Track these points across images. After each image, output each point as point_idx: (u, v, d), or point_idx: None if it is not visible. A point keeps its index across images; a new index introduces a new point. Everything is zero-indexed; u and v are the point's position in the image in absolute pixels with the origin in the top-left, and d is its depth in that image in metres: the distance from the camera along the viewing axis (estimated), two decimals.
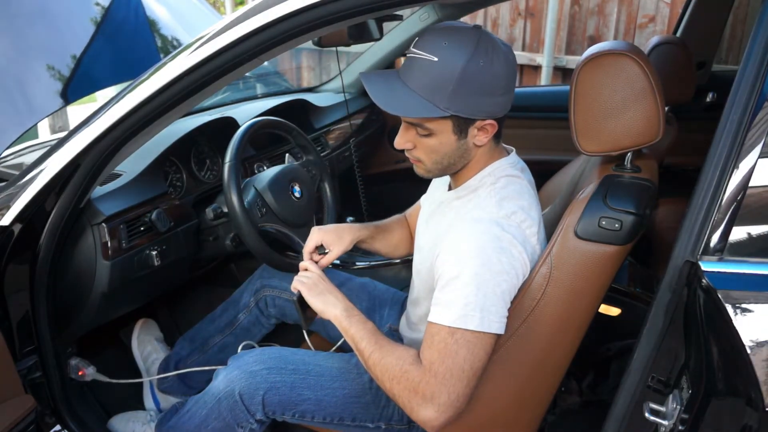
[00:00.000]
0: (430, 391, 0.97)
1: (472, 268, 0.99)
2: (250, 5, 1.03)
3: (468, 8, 2.40)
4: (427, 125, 1.03)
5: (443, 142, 1.05)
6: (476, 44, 0.99)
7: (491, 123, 1.04)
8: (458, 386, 0.97)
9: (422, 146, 1.07)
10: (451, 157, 1.08)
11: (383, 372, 1.03)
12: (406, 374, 1.00)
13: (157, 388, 1.64)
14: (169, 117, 1.13)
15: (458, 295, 0.99)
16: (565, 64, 3.58)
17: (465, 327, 0.98)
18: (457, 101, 0.99)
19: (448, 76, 0.98)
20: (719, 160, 0.85)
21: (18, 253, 1.17)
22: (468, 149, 1.07)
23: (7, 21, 1.46)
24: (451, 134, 1.04)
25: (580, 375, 1.61)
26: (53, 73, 1.47)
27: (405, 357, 1.02)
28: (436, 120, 1.02)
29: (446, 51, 0.99)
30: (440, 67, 0.98)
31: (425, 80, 1.00)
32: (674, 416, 0.84)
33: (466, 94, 0.99)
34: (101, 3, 1.64)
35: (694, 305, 0.85)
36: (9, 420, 1.07)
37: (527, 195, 1.10)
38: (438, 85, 0.99)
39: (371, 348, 1.05)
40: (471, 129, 1.05)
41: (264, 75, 2.88)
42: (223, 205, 1.53)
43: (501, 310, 1.01)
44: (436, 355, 0.98)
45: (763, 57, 0.83)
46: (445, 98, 0.99)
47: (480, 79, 0.99)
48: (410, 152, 1.10)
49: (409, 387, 0.99)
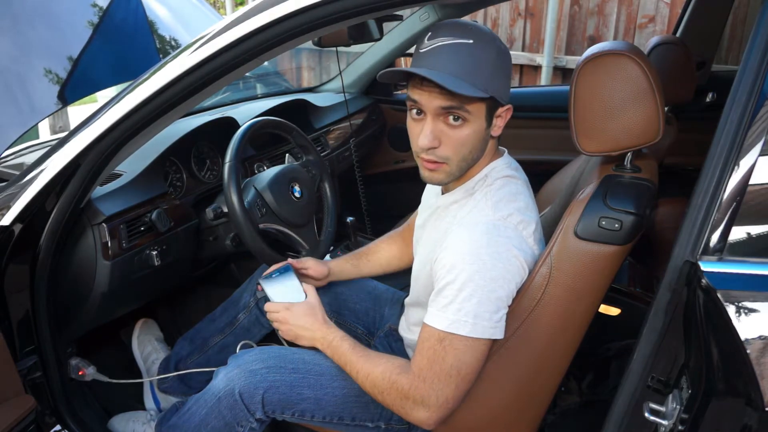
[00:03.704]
0: (420, 395, 1.01)
1: (468, 274, 0.99)
2: (250, 5, 1.03)
3: (468, 8, 2.40)
4: (468, 107, 1.00)
5: (476, 131, 1.03)
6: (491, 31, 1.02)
7: (509, 108, 1.07)
8: (446, 390, 1.01)
9: (451, 140, 1.03)
10: (477, 149, 1.06)
11: (372, 386, 1.08)
12: (395, 384, 1.04)
13: (157, 388, 1.64)
14: (169, 117, 1.13)
15: (452, 300, 1.00)
16: (565, 64, 3.58)
17: (456, 332, 1.00)
18: (495, 82, 1.01)
19: (486, 57, 0.99)
20: (719, 159, 0.85)
21: (18, 253, 1.17)
22: (487, 140, 1.08)
23: (8, 21, 1.46)
24: (483, 121, 1.04)
25: (580, 375, 1.61)
26: (54, 73, 1.47)
27: (390, 369, 1.07)
28: (476, 103, 1.00)
29: (477, 35, 0.99)
30: (478, 49, 0.99)
31: (464, 62, 0.98)
32: (674, 416, 0.84)
33: (501, 76, 1.02)
34: (100, 3, 1.64)
35: (694, 305, 0.85)
36: (9, 420, 1.07)
37: (523, 195, 1.10)
38: (477, 66, 0.99)
39: (356, 368, 1.11)
40: (495, 116, 1.06)
41: (264, 75, 2.88)
42: (223, 205, 1.53)
43: (495, 316, 1.01)
44: (425, 361, 1.02)
45: (763, 57, 0.83)
46: (486, 79, 0.99)
47: (507, 62, 1.04)
48: (434, 152, 1.04)
49: (400, 395, 1.04)
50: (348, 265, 1.46)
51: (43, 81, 1.45)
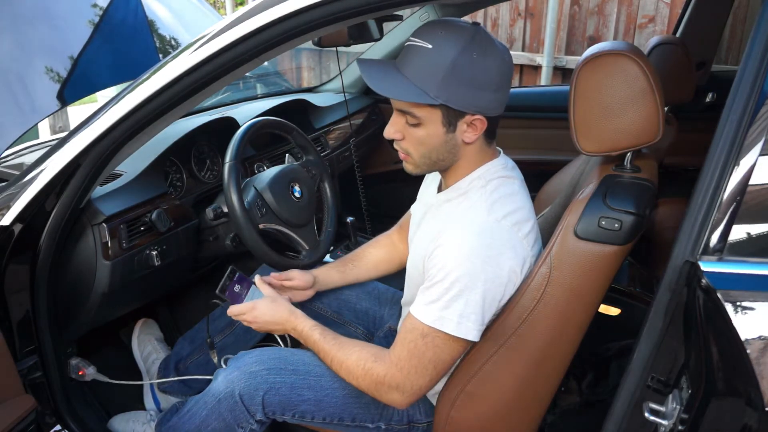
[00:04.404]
0: (396, 382, 1.06)
1: (457, 274, 1.00)
2: (250, 5, 1.03)
3: (468, 8, 2.40)
4: (417, 113, 1.03)
5: (431, 134, 1.05)
6: (472, 37, 1.00)
7: (480, 119, 1.04)
8: (420, 381, 1.06)
9: (411, 137, 1.07)
10: (439, 151, 1.07)
11: (348, 373, 1.12)
12: (370, 372, 1.09)
13: (157, 388, 1.64)
14: (169, 117, 1.13)
15: (440, 297, 1.02)
16: (565, 64, 3.58)
17: (440, 329, 1.02)
18: (448, 90, 1.00)
19: (440, 63, 0.99)
20: (719, 159, 0.85)
21: (18, 253, 1.17)
22: (456, 145, 1.07)
23: (9, 21, 1.46)
24: (440, 126, 1.04)
25: (580, 375, 1.61)
26: (55, 72, 1.47)
27: (365, 357, 1.10)
28: (426, 108, 1.02)
29: (441, 39, 1.00)
30: (433, 54, 0.99)
31: (418, 67, 1.00)
32: (674, 416, 0.84)
33: (457, 84, 1.00)
34: (99, 3, 1.64)
35: (694, 305, 0.85)
36: (9, 420, 1.07)
37: (519, 196, 1.11)
38: (430, 72, 0.99)
39: (330, 356, 1.14)
40: (460, 123, 1.05)
41: (264, 75, 2.88)
42: (223, 205, 1.53)
43: (480, 318, 1.03)
44: (405, 353, 1.06)
45: (763, 57, 0.83)
46: (436, 86, 0.99)
47: (471, 71, 1.00)
48: (399, 144, 1.10)
49: (375, 381, 1.08)
50: (334, 272, 1.45)
51: (44, 80, 1.45)
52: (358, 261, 1.48)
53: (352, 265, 1.47)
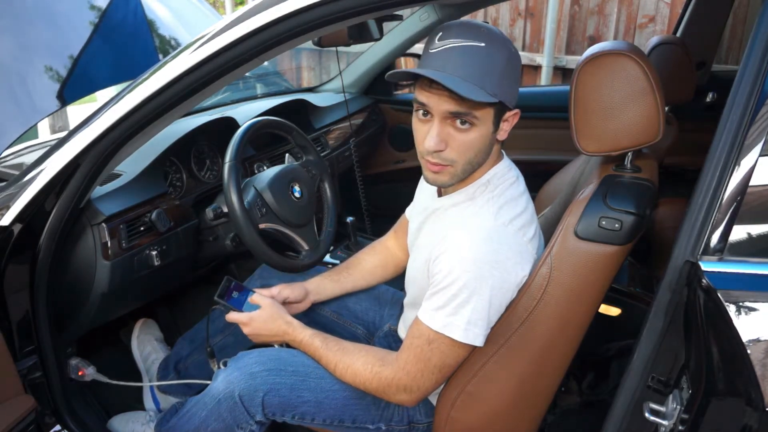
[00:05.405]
0: (403, 384, 1.08)
1: (465, 280, 0.99)
2: (250, 5, 1.03)
3: (468, 8, 2.40)
4: (477, 113, 0.99)
5: (483, 135, 1.01)
6: (503, 32, 1.01)
7: (516, 113, 1.05)
8: (426, 383, 1.08)
9: (457, 144, 1.01)
10: (484, 153, 1.05)
11: (354, 377, 1.13)
12: (378, 375, 1.10)
13: (157, 389, 1.64)
14: (169, 117, 1.13)
15: (447, 303, 1.01)
16: (565, 64, 3.58)
17: (448, 334, 1.02)
18: (503, 87, 0.99)
19: (497, 60, 0.97)
20: (719, 159, 0.85)
21: (18, 253, 1.17)
22: (492, 145, 1.06)
23: (9, 20, 1.46)
24: (491, 125, 1.02)
25: (580, 375, 1.61)
26: (55, 71, 1.47)
27: (372, 361, 1.12)
28: (484, 108, 0.99)
29: (489, 38, 0.97)
30: (489, 53, 0.97)
31: (474, 66, 0.96)
32: (674, 416, 0.84)
33: (511, 81, 1.00)
34: (99, 3, 1.64)
35: (694, 305, 0.85)
36: (9, 420, 1.07)
37: (523, 198, 1.11)
38: (487, 71, 0.96)
39: (333, 362, 1.15)
40: (502, 121, 1.04)
41: (264, 75, 2.88)
42: (223, 205, 1.52)
43: (486, 323, 1.03)
44: (412, 357, 1.07)
45: (763, 57, 0.83)
46: (495, 83, 0.97)
47: (518, 66, 1.02)
48: (440, 155, 1.02)
49: (382, 384, 1.10)
50: (327, 281, 1.43)
51: (44, 80, 1.45)
52: (353, 268, 1.47)
53: (347, 273, 1.46)
